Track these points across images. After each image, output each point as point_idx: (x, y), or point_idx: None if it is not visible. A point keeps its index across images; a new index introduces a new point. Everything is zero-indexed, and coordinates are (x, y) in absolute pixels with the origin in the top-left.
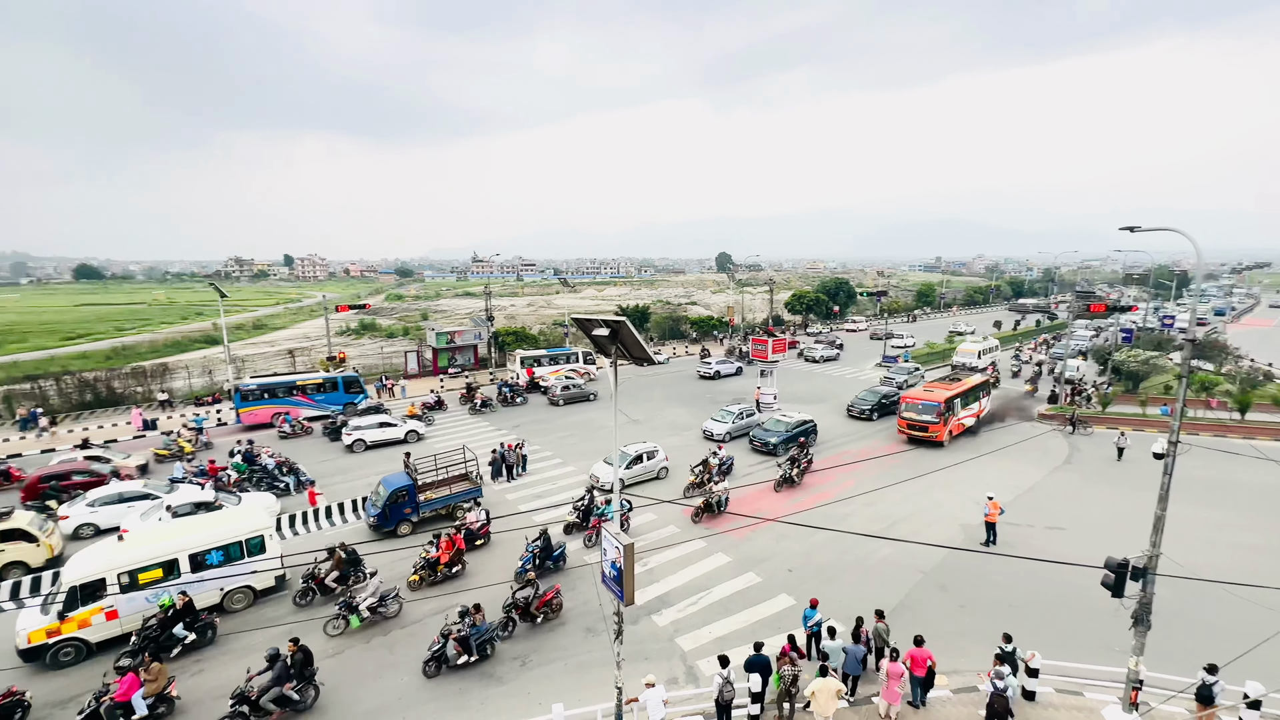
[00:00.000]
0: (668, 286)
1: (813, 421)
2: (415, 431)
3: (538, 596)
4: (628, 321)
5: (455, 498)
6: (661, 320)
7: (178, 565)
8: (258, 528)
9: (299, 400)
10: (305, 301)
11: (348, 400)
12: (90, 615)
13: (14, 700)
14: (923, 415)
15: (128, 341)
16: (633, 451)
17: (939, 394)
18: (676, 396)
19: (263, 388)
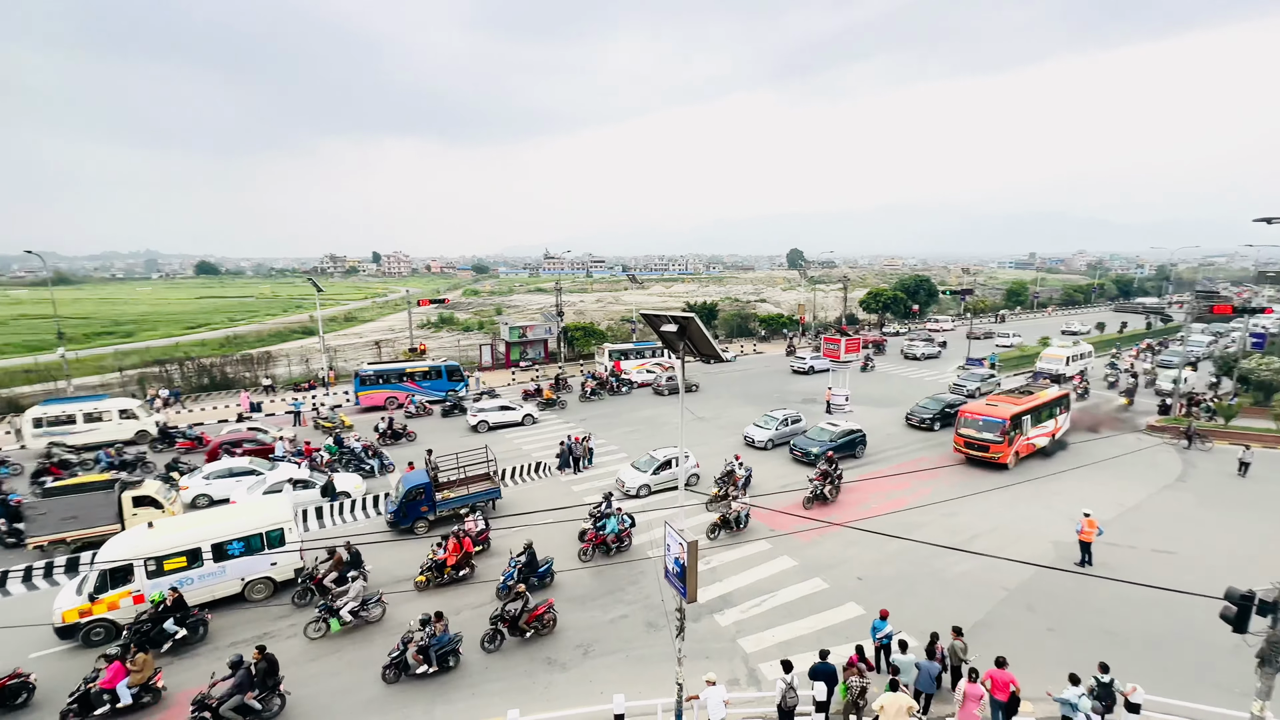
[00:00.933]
0: (736, 283)
1: (861, 431)
2: (531, 415)
3: (527, 610)
4: (696, 318)
5: (473, 498)
6: (729, 317)
7: (201, 554)
8: (278, 521)
9: (408, 386)
10: (390, 296)
11: (450, 387)
12: (119, 598)
13: (20, 682)
14: (983, 433)
15: (238, 331)
16: (660, 456)
17: (1004, 409)
18: (745, 395)
19: (378, 374)
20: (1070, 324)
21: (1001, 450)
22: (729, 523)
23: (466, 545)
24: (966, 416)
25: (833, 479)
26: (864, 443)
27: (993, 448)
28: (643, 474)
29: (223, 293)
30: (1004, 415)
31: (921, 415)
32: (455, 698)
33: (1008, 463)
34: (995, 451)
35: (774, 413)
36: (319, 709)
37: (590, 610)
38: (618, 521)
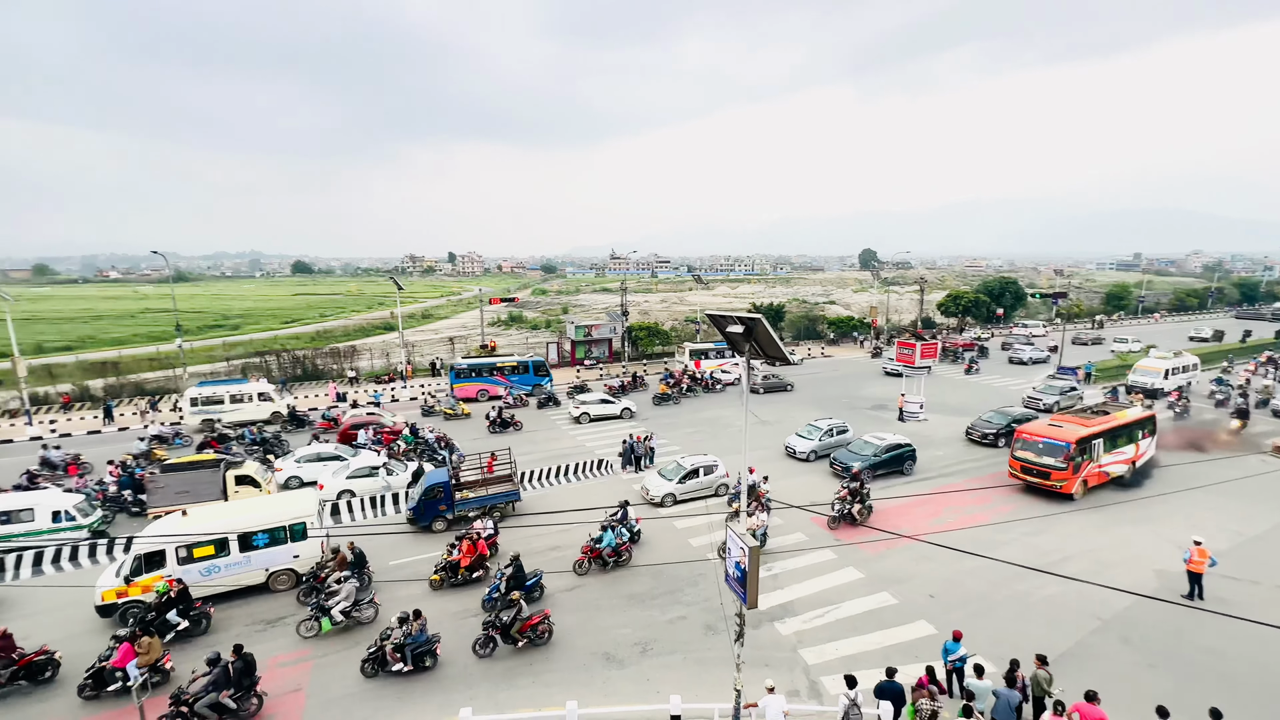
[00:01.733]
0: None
1: (910, 446)
2: (629, 409)
3: (520, 620)
4: (764, 319)
5: (491, 499)
6: (797, 319)
7: (228, 543)
8: (301, 514)
9: (497, 380)
10: (464, 295)
11: (536, 381)
12: (152, 582)
13: (46, 658)
14: (1043, 457)
15: (327, 326)
16: (688, 464)
17: (1069, 431)
18: (812, 399)
19: (471, 367)
20: (1200, 330)
21: (1065, 478)
22: None
23: (481, 548)
24: (1024, 438)
25: (863, 497)
26: (913, 458)
27: (1054, 475)
28: (669, 482)
29: (315, 290)
30: (1068, 438)
31: (984, 430)
32: (520, 683)
33: (1072, 493)
34: (1057, 479)
35: (818, 422)
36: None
37: (649, 609)
38: (615, 535)
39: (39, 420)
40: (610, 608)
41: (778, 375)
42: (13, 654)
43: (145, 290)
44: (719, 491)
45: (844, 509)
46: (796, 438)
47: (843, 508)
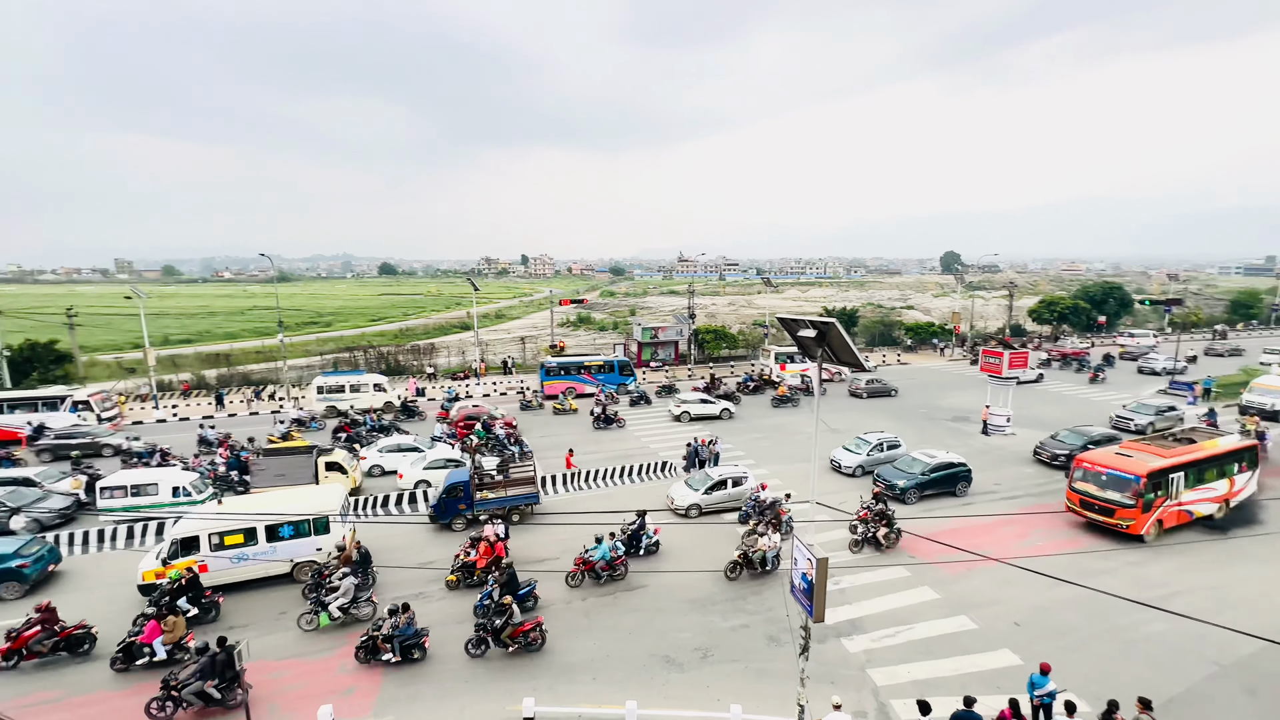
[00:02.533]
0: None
1: (963, 466)
2: (729, 409)
3: (512, 625)
4: (837, 323)
5: (511, 501)
6: (871, 324)
7: (256, 533)
8: (325, 509)
9: (584, 378)
10: (535, 296)
11: (620, 381)
12: (186, 566)
13: (84, 632)
14: (1107, 491)
15: (408, 325)
16: (716, 475)
17: (1140, 461)
18: (887, 408)
19: (560, 365)
20: None
21: (1132, 516)
22: (750, 562)
23: (499, 550)
24: (1085, 467)
25: (889, 520)
26: (967, 479)
27: (1119, 512)
28: (694, 492)
29: (399, 290)
30: (1138, 470)
31: (1055, 450)
32: (579, 679)
33: (1143, 534)
34: (1123, 518)
35: (867, 435)
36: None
37: (710, 615)
38: (610, 549)
39: (163, 405)
40: (671, 610)
41: (881, 380)
42: (54, 626)
43: (252, 289)
44: (867, 505)
45: (868, 532)
46: (843, 451)
47: (866, 530)
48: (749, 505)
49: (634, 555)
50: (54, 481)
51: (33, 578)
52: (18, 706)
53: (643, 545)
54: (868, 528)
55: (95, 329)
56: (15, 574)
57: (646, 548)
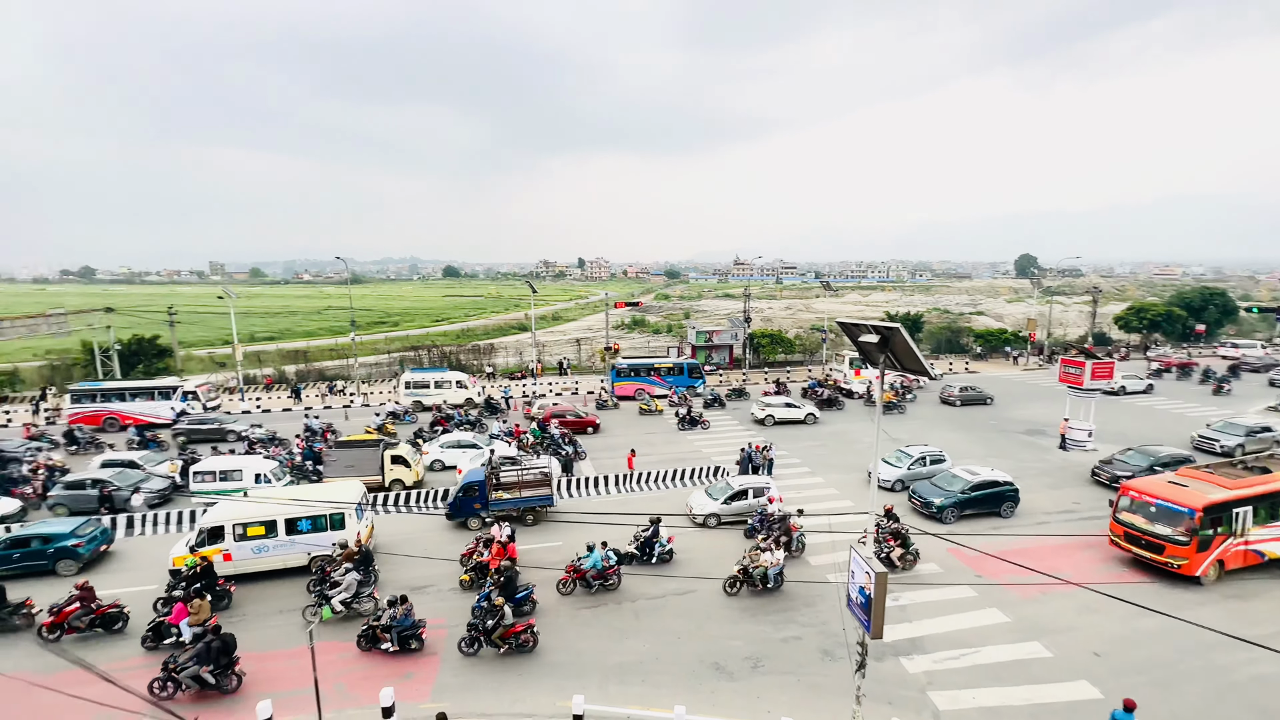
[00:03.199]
0: (948, 293)
1: (1010, 485)
2: (813, 414)
3: (503, 626)
4: (902, 329)
5: (525, 502)
6: (937, 330)
7: (275, 525)
8: (341, 506)
9: (654, 380)
10: (591, 298)
11: (690, 383)
12: (212, 554)
13: (118, 610)
14: (1156, 525)
15: (470, 325)
16: (735, 485)
17: (1197, 493)
18: (954, 419)
19: (631, 367)
20: None
21: (1184, 555)
22: (750, 579)
23: (511, 551)
24: (1131, 496)
25: (905, 540)
26: (1015, 500)
27: (1170, 549)
28: (714, 501)
29: (461, 292)
30: (1193, 503)
31: (1115, 472)
32: (630, 679)
33: (1198, 575)
34: (1174, 555)
35: (909, 449)
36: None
37: (761, 624)
38: (602, 558)
39: (248, 397)
40: (722, 618)
41: (976, 387)
42: (91, 604)
43: (328, 291)
44: (787, 515)
45: (880, 552)
46: (882, 464)
47: (879, 550)
48: (756, 519)
49: (646, 563)
50: (154, 465)
51: (86, 556)
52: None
53: (655, 553)
54: (880, 548)
55: (192, 326)
56: (71, 553)
57: (660, 555)
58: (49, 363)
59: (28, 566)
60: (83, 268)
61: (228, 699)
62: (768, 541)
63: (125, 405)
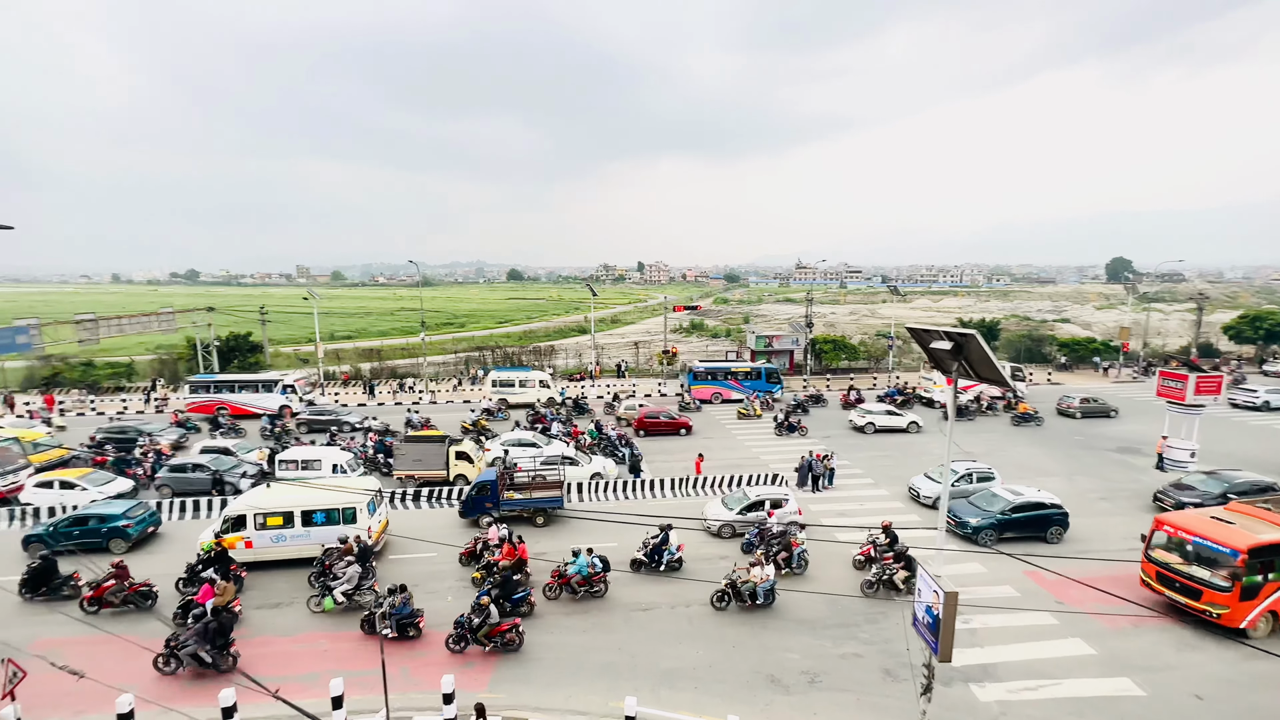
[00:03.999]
0: (1028, 298)
1: (1057, 509)
2: (916, 423)
3: (489, 625)
4: (978, 336)
5: (534, 503)
6: (1016, 338)
7: (293, 517)
8: (353, 501)
9: (730, 384)
10: (650, 302)
11: (767, 388)
12: (235, 540)
13: (148, 589)
14: (1193, 567)
15: (532, 327)
16: (753, 495)
17: (1244, 531)
18: (1033, 434)
19: (708, 371)
20: None
21: (1226, 603)
22: (739, 593)
23: (522, 552)
24: (1167, 531)
25: (908, 560)
26: (1063, 524)
27: (1208, 595)
28: (729, 512)
29: (524, 295)
30: (1237, 543)
31: (1182, 498)
32: (680, 685)
33: (1244, 627)
34: (1213, 603)
35: (955, 464)
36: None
37: (820, 639)
38: (587, 564)
39: (328, 392)
40: (778, 629)
41: (1098, 399)
42: (125, 581)
43: (400, 293)
44: (873, 537)
45: (882, 574)
46: (924, 479)
47: (880, 572)
48: (753, 533)
49: (655, 570)
50: (244, 453)
51: (135, 536)
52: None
53: (664, 560)
54: (883, 570)
55: (280, 325)
56: (121, 533)
57: (669, 563)
58: (158, 356)
59: (84, 543)
60: (189, 271)
61: (303, 676)
62: (767, 557)
63: (234, 396)
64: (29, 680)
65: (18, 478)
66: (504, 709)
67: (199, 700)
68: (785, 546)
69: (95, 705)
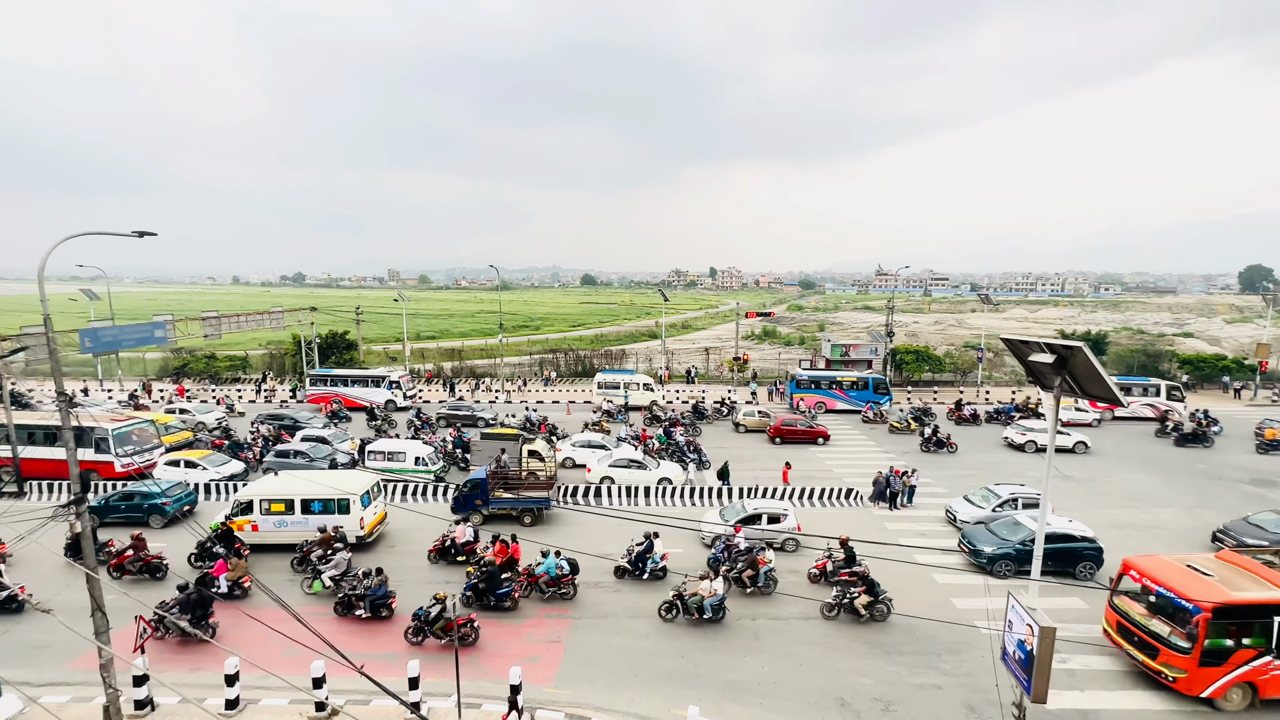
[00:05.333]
0: (1143, 310)
1: (1090, 543)
2: (1084, 443)
3: (445, 619)
4: (1085, 347)
5: (522, 502)
6: (1127, 353)
7: (293, 505)
8: (347, 493)
9: (835, 393)
10: (721, 308)
11: (874, 399)
12: (243, 523)
13: (159, 561)
14: (1154, 620)
15: (603, 331)
16: (750, 508)
17: (1217, 587)
18: (1155, 460)
19: (812, 379)
20: None
21: (1184, 667)
22: (685, 606)
23: (515, 551)
24: (1133, 576)
25: (870, 584)
26: (1095, 560)
27: (1165, 655)
28: (724, 524)
29: (596, 299)
30: (1203, 600)
31: (1241, 538)
32: (746, 699)
33: (1206, 696)
34: (1170, 664)
35: (997, 487)
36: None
37: (895, 665)
38: (555, 565)
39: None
40: (850, 650)
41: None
42: (141, 553)
43: (481, 296)
44: (786, 546)
45: (843, 597)
46: (963, 502)
47: (841, 594)
48: (719, 549)
49: (638, 578)
50: (339, 442)
51: (171, 513)
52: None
53: (648, 568)
54: (844, 591)
55: (372, 324)
56: (159, 509)
57: (653, 572)
58: (269, 351)
59: (129, 516)
60: (296, 273)
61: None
62: (732, 573)
63: (347, 390)
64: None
65: (152, 455)
66: (567, 706)
67: (291, 670)
68: (752, 564)
69: (208, 663)
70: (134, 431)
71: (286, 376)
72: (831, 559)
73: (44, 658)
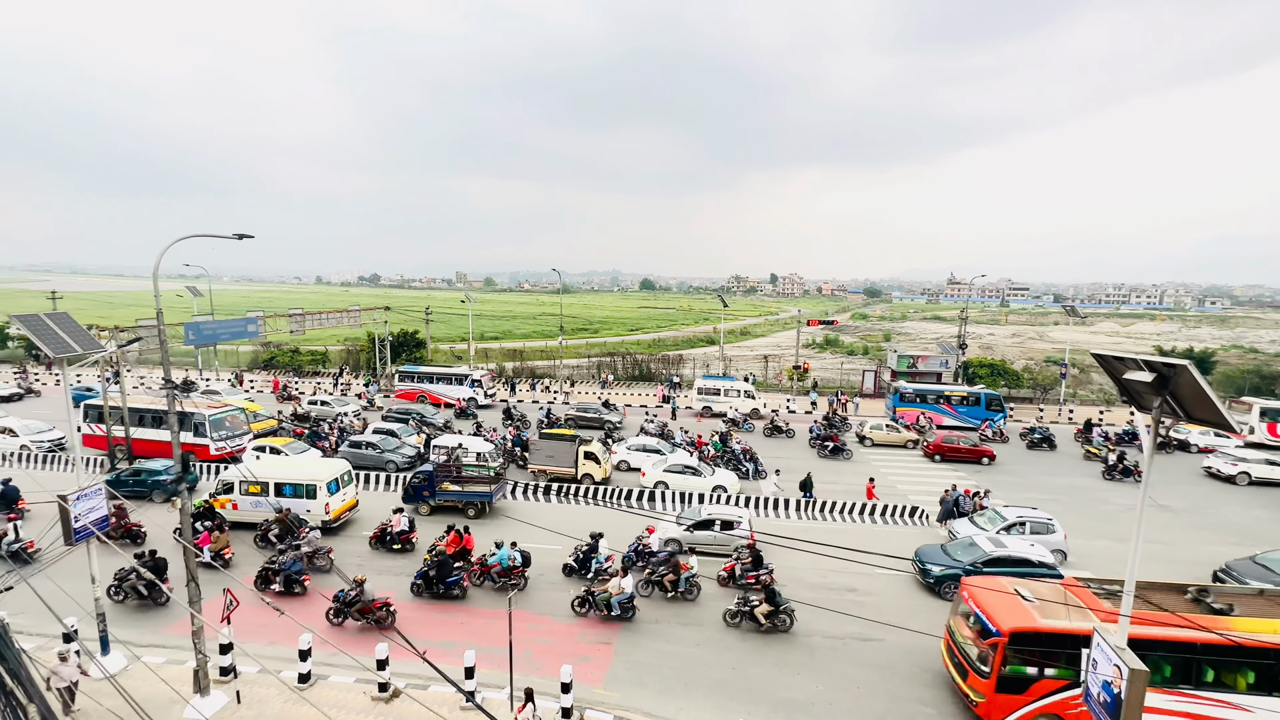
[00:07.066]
0: (1256, 325)
1: (1045, 567)
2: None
3: (362, 601)
4: (1190, 366)
5: (465, 495)
6: (1236, 374)
7: (268, 487)
8: (314, 479)
9: (943, 409)
10: (781, 315)
11: (986, 416)
12: (225, 501)
13: (136, 529)
14: (969, 641)
15: (661, 336)
16: (704, 513)
17: (1023, 611)
18: (1266, 496)
19: (917, 393)
20: None
21: (983, 691)
22: (595, 602)
23: (468, 542)
24: (964, 596)
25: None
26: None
27: (972, 678)
28: (678, 528)
29: (655, 304)
30: (1002, 623)
31: (1244, 575)
32: (798, 718)
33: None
34: (974, 688)
35: (1004, 509)
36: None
37: (939, 690)
38: (508, 556)
39: None
40: (907, 674)
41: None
42: (122, 520)
43: (542, 299)
44: (738, 554)
45: (744, 604)
46: (967, 523)
47: (743, 601)
48: (630, 551)
49: (583, 578)
50: (407, 436)
51: (171, 490)
52: None
53: (593, 569)
54: (745, 598)
55: (440, 324)
56: (161, 485)
57: (598, 571)
58: (346, 348)
59: (136, 490)
60: (372, 274)
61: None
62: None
63: (431, 386)
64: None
65: (241, 441)
66: (615, 708)
67: (358, 650)
68: (673, 569)
69: (285, 638)
70: (228, 418)
71: (360, 371)
72: (739, 561)
73: (147, 621)
